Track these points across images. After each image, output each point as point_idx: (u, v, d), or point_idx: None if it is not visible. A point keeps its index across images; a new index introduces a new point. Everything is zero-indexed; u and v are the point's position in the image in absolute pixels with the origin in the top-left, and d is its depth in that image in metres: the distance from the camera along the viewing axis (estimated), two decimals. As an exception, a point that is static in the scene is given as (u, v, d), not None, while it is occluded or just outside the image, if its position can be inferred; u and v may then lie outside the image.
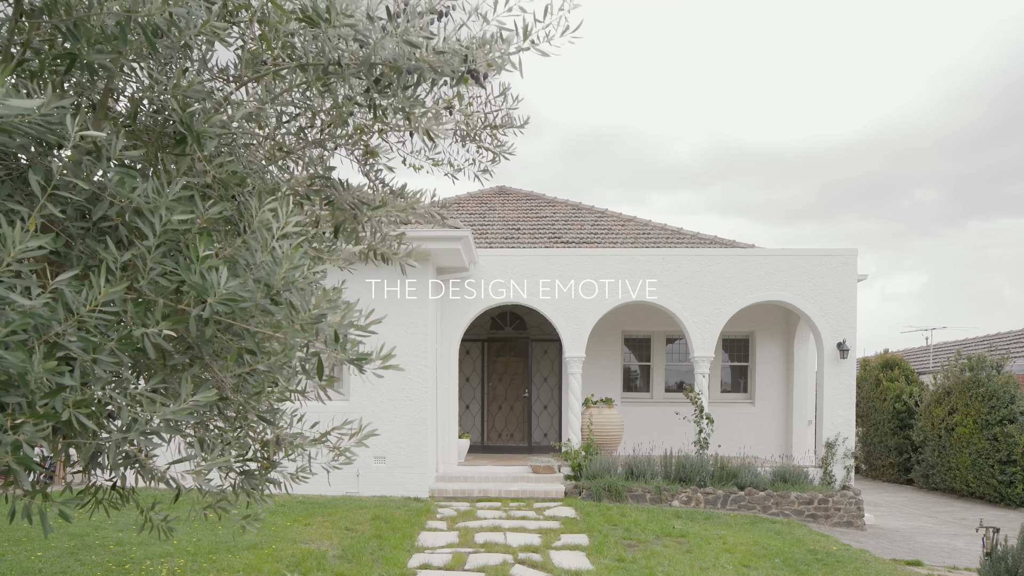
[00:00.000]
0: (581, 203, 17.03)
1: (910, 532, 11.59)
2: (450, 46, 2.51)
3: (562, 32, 2.64)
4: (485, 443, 15.74)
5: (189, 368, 2.52)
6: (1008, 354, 16.28)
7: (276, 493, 3.15)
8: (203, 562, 6.77)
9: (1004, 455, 14.47)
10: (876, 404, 19.27)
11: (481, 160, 3.41)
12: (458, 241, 10.73)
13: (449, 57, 2.50)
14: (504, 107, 3.18)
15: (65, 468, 2.72)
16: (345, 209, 3.25)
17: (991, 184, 56.72)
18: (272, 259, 2.24)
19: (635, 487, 11.15)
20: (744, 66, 50.03)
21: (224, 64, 2.83)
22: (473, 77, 2.54)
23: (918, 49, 45.13)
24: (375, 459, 10.92)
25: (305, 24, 2.43)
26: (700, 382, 12.61)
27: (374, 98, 2.70)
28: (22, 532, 7.66)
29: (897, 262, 64.34)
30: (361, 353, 2.45)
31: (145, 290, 2.18)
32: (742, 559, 7.81)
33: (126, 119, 2.67)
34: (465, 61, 2.51)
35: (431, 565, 7.12)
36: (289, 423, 3.03)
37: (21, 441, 1.87)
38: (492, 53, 2.55)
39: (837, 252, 12.65)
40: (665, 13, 45.07)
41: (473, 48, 2.52)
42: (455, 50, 2.50)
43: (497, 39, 2.59)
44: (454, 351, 12.53)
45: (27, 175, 2.14)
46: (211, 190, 2.57)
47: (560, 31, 2.64)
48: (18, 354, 1.82)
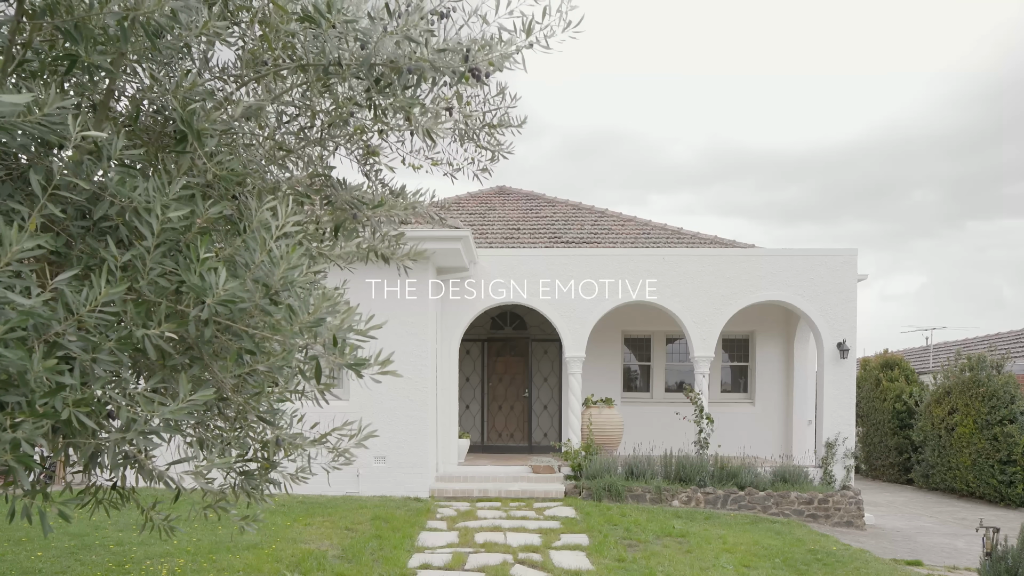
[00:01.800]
0: (581, 203, 17.03)
1: (910, 532, 11.59)
2: (451, 46, 2.51)
3: (563, 28, 2.64)
4: (485, 443, 15.74)
5: (189, 368, 2.52)
6: (1008, 354, 16.29)
7: (276, 493, 3.15)
8: (203, 562, 6.77)
9: (1004, 455, 14.47)
10: (876, 404, 19.27)
11: (480, 159, 3.42)
12: (458, 241, 10.73)
13: (450, 56, 2.50)
14: (503, 106, 3.18)
15: (65, 468, 2.72)
16: (345, 208, 3.25)
17: (990, 185, 56.79)
18: (270, 259, 2.24)
19: (635, 487, 11.15)
20: (743, 68, 50.08)
21: (224, 64, 2.83)
22: (474, 76, 2.54)
23: (917, 51, 45.22)
24: (375, 459, 10.92)
25: (306, 24, 2.43)
26: (700, 382, 12.61)
27: (374, 98, 2.70)
28: (22, 532, 7.66)
29: (896, 263, 64.40)
30: (359, 358, 2.44)
31: (145, 290, 2.18)
32: (742, 559, 7.81)
33: (127, 119, 2.67)
34: (466, 60, 2.51)
35: (431, 565, 7.12)
36: (289, 423, 3.03)
37: (20, 440, 1.87)
38: (493, 53, 2.55)
39: (837, 252, 12.65)
40: (665, 15, 45.10)
41: (474, 48, 2.52)
42: (456, 49, 2.50)
43: (498, 39, 2.59)
44: (454, 351, 12.54)
45: (28, 175, 2.14)
46: (211, 189, 2.57)
47: (561, 28, 2.63)
48: (18, 353, 1.82)
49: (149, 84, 2.59)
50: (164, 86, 2.55)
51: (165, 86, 2.55)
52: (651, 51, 51.20)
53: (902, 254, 66.09)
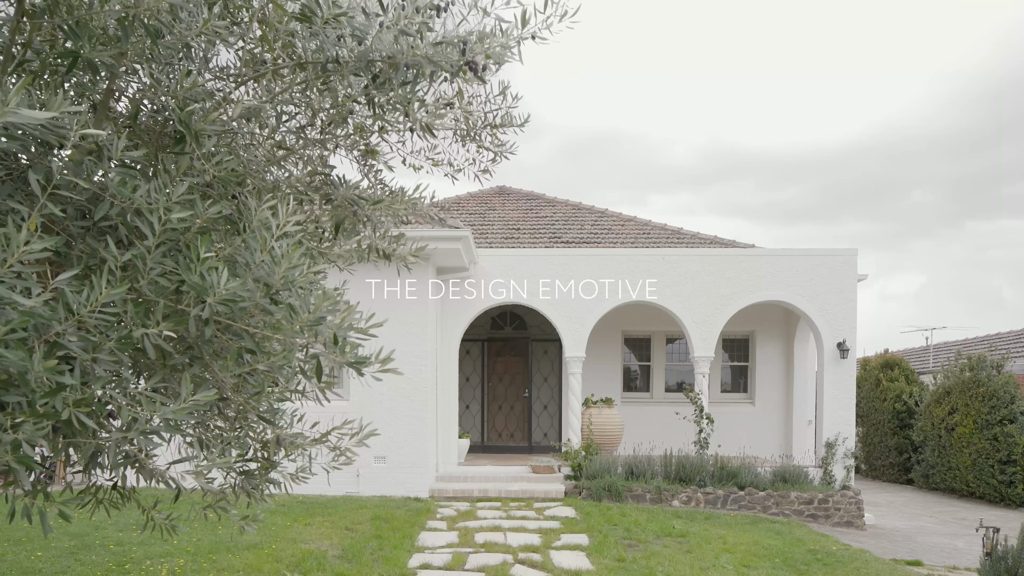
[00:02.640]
0: (581, 203, 17.02)
1: (910, 532, 11.59)
2: (448, 39, 2.50)
3: (560, 17, 2.63)
4: (485, 443, 15.73)
5: (189, 368, 2.51)
6: (1008, 354, 16.29)
7: (276, 493, 3.15)
8: (203, 562, 6.77)
9: (1004, 455, 14.47)
10: (876, 404, 19.26)
11: (481, 160, 3.41)
12: (458, 241, 10.73)
13: (447, 50, 2.50)
14: (504, 106, 3.17)
15: (65, 468, 2.72)
16: (345, 205, 3.24)
17: (989, 185, 56.85)
18: (271, 258, 2.24)
19: (635, 487, 11.15)
20: (743, 69, 50.14)
21: (224, 63, 2.83)
22: (472, 69, 2.53)
23: (917, 52, 45.30)
24: (375, 459, 10.92)
25: (304, 22, 2.43)
26: (700, 382, 12.61)
27: (373, 94, 2.70)
28: (22, 532, 7.66)
29: (896, 263, 64.47)
30: (360, 356, 2.44)
31: (145, 290, 2.18)
32: (742, 559, 7.81)
33: (127, 119, 2.67)
34: (463, 53, 2.50)
35: (431, 565, 7.12)
36: (289, 423, 3.03)
37: (21, 440, 1.87)
38: (490, 46, 2.54)
39: (837, 252, 12.64)
40: (664, 17, 45.16)
41: (472, 41, 2.51)
42: (453, 43, 2.50)
43: (495, 32, 2.59)
44: (454, 351, 12.53)
45: (27, 175, 2.14)
46: (211, 189, 2.57)
47: (559, 17, 2.63)
48: (18, 353, 1.82)
49: (149, 84, 2.59)
50: (164, 86, 2.55)
51: (165, 86, 2.55)
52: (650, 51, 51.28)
53: (902, 254, 66.18)
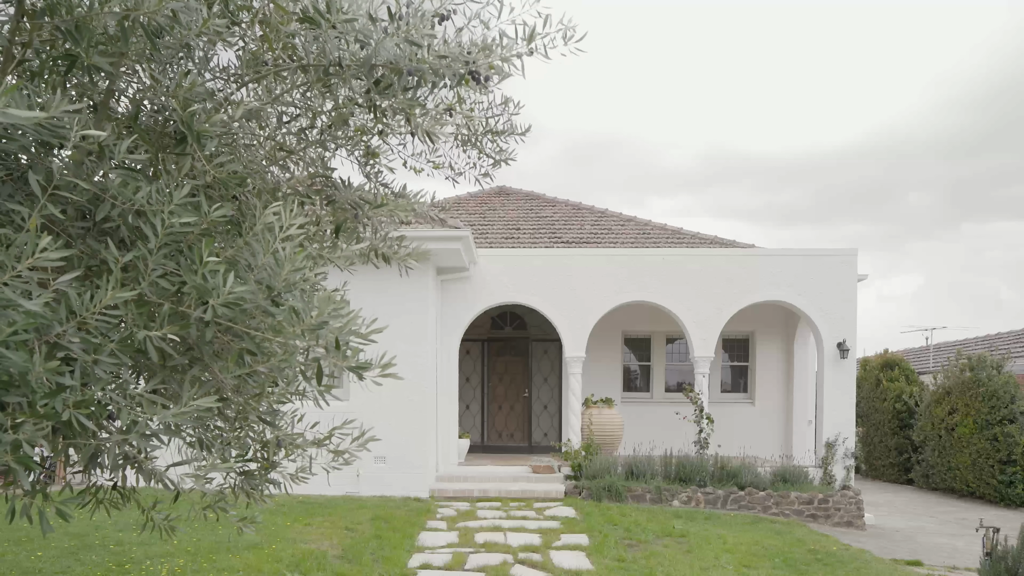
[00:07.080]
0: (581, 203, 17.02)
1: (910, 532, 11.59)
2: (451, 49, 2.51)
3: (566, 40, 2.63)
4: (485, 443, 15.74)
5: (189, 369, 2.51)
6: (1008, 354, 16.29)
7: (276, 493, 3.15)
8: (203, 562, 6.77)
9: (1004, 455, 14.47)
10: (876, 404, 19.27)
11: (482, 165, 3.41)
12: (458, 241, 10.73)
13: (450, 60, 2.50)
14: (506, 114, 3.18)
15: (65, 468, 2.72)
16: (346, 208, 3.25)
17: (986, 188, 56.96)
18: (275, 261, 2.24)
19: (635, 487, 11.15)
20: (740, 73, 50.16)
21: (225, 63, 2.83)
22: (474, 79, 2.54)
23: (913, 57, 45.38)
24: (375, 459, 10.91)
25: (306, 25, 2.43)
26: (700, 382, 12.61)
27: (374, 99, 2.70)
28: (22, 532, 7.66)
29: (894, 264, 64.44)
30: (362, 361, 2.45)
31: (146, 292, 2.18)
32: (742, 559, 7.81)
33: (127, 120, 2.67)
34: (466, 64, 2.51)
35: (431, 565, 7.12)
36: (289, 424, 3.03)
37: (21, 440, 1.87)
38: (493, 58, 2.55)
39: (837, 252, 12.65)
40: (662, 21, 45.17)
41: (475, 51, 2.52)
42: (456, 53, 2.50)
43: (498, 44, 2.59)
44: (454, 351, 12.53)
45: (27, 175, 2.14)
46: (211, 190, 2.57)
47: (562, 38, 2.63)
48: (20, 354, 1.82)
49: (149, 84, 2.59)
50: (164, 87, 2.55)
51: (165, 86, 2.55)
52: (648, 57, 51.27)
53: (899, 256, 66.17)
